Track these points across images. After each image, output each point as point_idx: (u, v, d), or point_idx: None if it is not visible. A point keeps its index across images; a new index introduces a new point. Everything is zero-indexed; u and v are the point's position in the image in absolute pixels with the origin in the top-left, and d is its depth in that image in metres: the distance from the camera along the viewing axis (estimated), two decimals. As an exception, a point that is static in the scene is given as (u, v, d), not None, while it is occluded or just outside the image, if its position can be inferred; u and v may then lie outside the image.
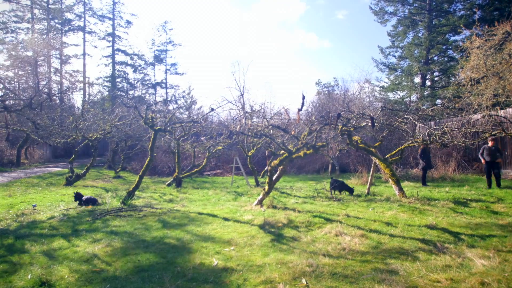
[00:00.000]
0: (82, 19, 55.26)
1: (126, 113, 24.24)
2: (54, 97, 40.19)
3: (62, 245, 7.87)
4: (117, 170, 25.87)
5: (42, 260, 6.89)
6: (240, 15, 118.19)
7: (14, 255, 7.20)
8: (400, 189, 13.71)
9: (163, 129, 15.82)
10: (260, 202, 12.54)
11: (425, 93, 35.93)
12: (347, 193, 14.66)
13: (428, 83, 37.94)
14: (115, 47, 56.36)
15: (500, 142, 19.71)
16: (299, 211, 11.17)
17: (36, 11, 50.70)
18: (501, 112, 18.25)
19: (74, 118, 20.42)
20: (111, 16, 56.14)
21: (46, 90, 39.40)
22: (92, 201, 12.84)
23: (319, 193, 15.25)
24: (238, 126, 13.59)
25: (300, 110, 11.78)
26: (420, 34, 37.49)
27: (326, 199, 13.82)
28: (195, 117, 25.39)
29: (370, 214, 10.68)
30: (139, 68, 58.43)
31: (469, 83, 20.56)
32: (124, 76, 57.77)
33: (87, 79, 55.43)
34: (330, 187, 15.08)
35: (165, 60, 59.67)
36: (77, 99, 66.03)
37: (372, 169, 15.41)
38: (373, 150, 14.33)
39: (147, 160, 14.82)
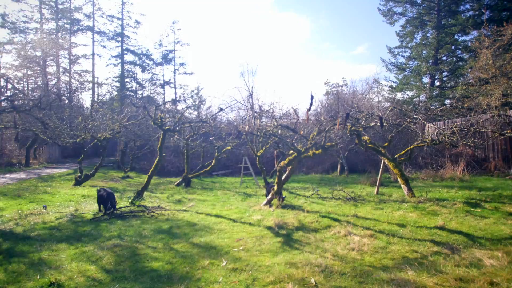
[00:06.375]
0: (91, 19, 55.38)
1: (135, 113, 24.34)
2: (63, 97, 40.33)
3: (70, 245, 7.93)
4: (126, 170, 25.96)
5: (50, 260, 6.96)
6: (248, 16, 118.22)
7: (23, 255, 7.28)
8: (409, 189, 13.65)
9: (172, 129, 15.88)
10: (269, 202, 12.57)
11: (434, 93, 35.77)
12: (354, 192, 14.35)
13: (437, 83, 37.77)
14: (124, 47, 56.40)
15: (509, 142, 19.61)
16: (308, 211, 11.18)
17: (44, 11, 50.97)
18: (510, 112, 18.16)
19: (83, 118, 20.51)
20: (120, 16, 56.16)
21: (55, 90, 39.59)
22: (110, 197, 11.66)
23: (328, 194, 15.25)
24: (247, 126, 13.63)
25: (308, 110, 11.81)
26: (428, 35, 37.35)
27: (335, 199, 13.81)
28: (204, 117, 25.41)
29: (379, 215, 10.66)
30: (147, 68, 58.47)
31: (478, 83, 20.51)
32: (133, 76, 57.88)
33: (96, 79, 55.69)
34: None
35: (174, 59, 59.63)
36: (86, 99, 66.53)
37: (381, 169, 15.37)
38: (382, 150, 14.30)
39: (156, 160, 14.88)
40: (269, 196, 12.77)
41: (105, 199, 11.35)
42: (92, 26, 55.40)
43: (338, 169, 25.13)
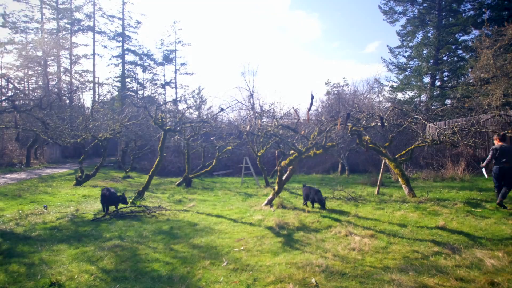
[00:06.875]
0: (92, 19, 55.45)
1: (136, 113, 24.38)
2: (64, 97, 40.36)
3: (71, 245, 7.93)
4: (127, 170, 25.93)
5: (51, 260, 6.96)
6: (252, 16, 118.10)
7: (23, 255, 7.28)
8: (410, 189, 13.63)
9: (172, 129, 15.88)
10: (270, 202, 12.56)
11: (435, 93, 35.70)
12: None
13: (437, 83, 37.70)
14: (125, 47, 56.47)
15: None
16: (308, 211, 11.17)
17: (45, 10, 51.03)
18: (511, 112, 18.13)
19: (84, 118, 20.53)
20: (120, 16, 56.23)
21: (55, 90, 39.62)
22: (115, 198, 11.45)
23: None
24: (248, 126, 13.62)
25: (309, 109, 11.80)
26: (429, 34, 37.22)
27: (335, 199, 13.79)
28: (204, 117, 25.44)
29: (379, 215, 10.65)
30: (148, 68, 58.55)
31: (479, 83, 20.49)
32: (134, 76, 58.01)
33: (96, 79, 55.80)
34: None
35: (175, 60, 59.70)
36: (86, 99, 66.57)
37: (381, 169, 15.35)
38: (382, 150, 14.28)
39: (157, 160, 14.88)
40: (270, 196, 12.76)
41: (109, 199, 11.37)
42: (93, 26, 55.49)
43: (339, 169, 25.11)
